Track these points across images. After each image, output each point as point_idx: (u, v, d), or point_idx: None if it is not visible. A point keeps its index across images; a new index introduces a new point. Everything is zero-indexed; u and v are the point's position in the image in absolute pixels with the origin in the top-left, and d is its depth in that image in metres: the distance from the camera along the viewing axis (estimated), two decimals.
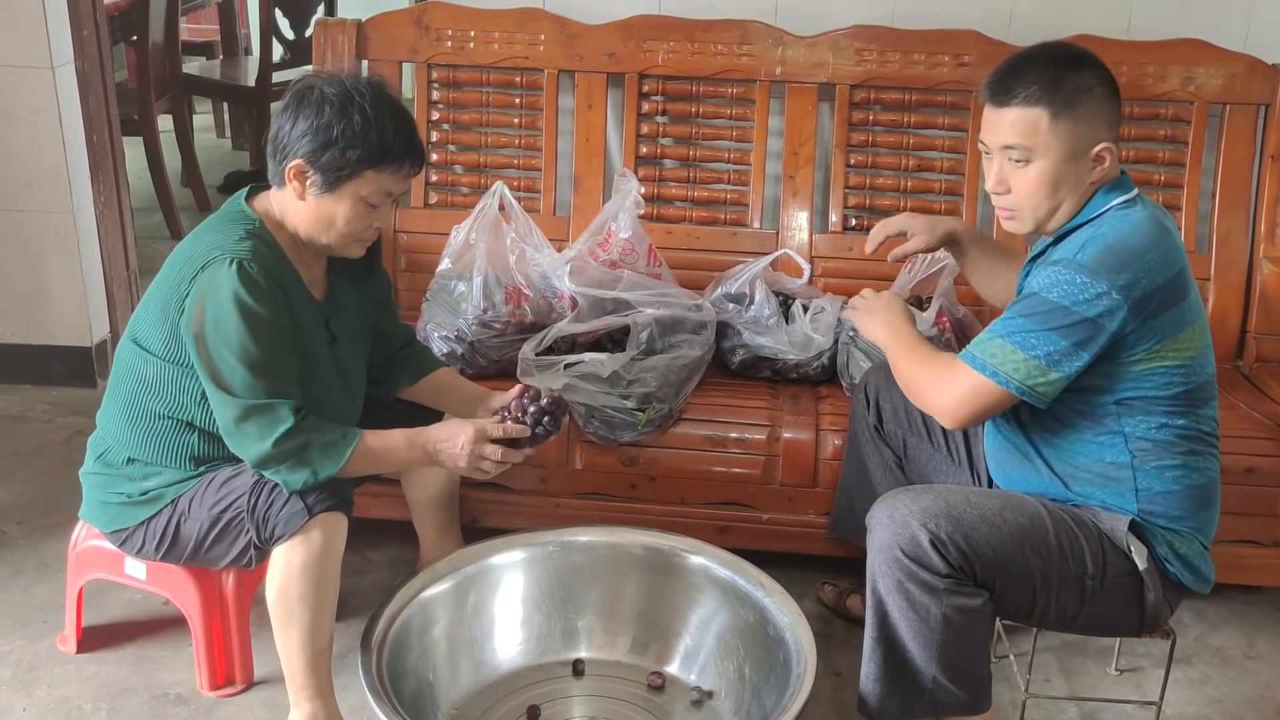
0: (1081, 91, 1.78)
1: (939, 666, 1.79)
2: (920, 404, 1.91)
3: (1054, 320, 1.74)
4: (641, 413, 2.38)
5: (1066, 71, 1.79)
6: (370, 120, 1.84)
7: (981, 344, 1.81)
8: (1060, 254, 1.79)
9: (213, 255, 1.86)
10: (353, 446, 1.91)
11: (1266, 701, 2.29)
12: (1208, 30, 2.79)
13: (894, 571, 1.77)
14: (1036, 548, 1.80)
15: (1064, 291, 1.74)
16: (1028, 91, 1.78)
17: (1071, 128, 1.78)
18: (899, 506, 1.78)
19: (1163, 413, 1.83)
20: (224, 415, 1.87)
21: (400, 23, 2.87)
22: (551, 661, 2.17)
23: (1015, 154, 1.81)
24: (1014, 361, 1.76)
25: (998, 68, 1.85)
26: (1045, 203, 1.83)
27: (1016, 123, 1.79)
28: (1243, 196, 2.81)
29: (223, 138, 5.77)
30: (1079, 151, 1.80)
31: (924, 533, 1.74)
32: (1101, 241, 1.76)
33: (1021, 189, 1.83)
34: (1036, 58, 1.82)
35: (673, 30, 2.83)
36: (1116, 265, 1.73)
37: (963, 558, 1.75)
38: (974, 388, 1.80)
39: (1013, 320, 1.78)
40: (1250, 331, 2.79)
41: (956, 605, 1.76)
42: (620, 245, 2.59)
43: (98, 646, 2.29)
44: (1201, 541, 1.91)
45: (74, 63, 3.15)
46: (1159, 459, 1.85)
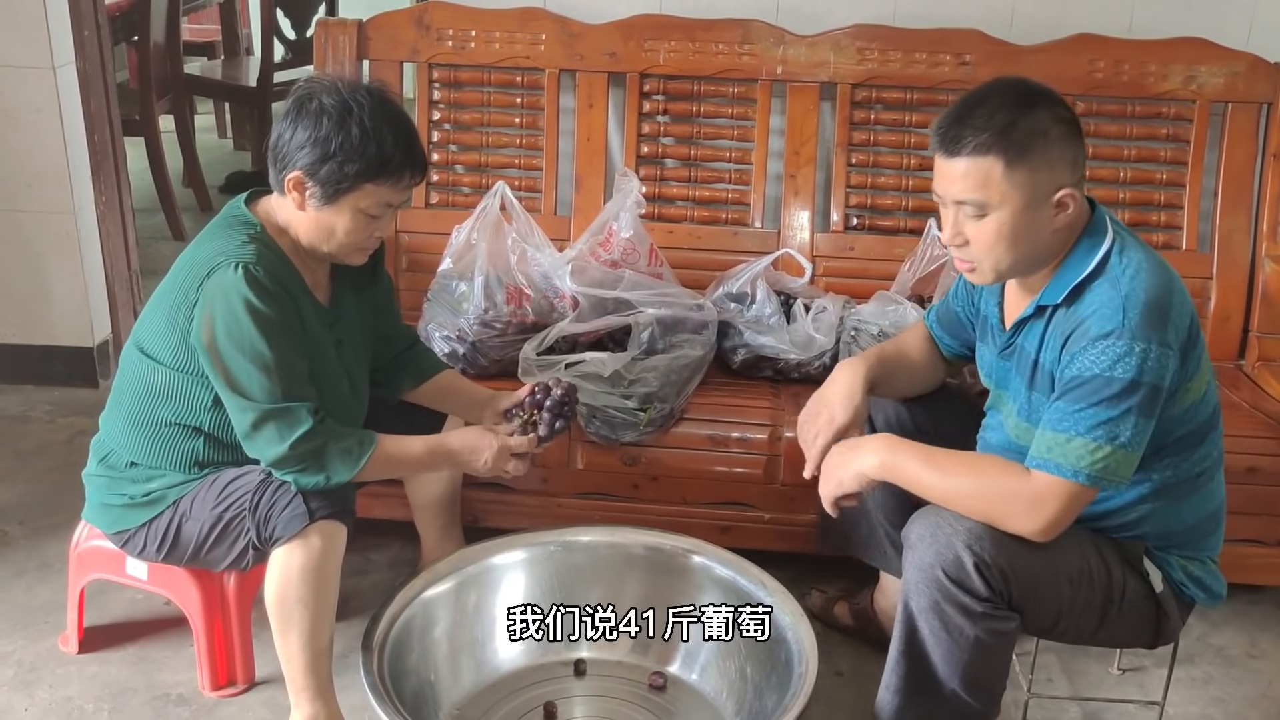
0: (1036, 136, 1.66)
1: (960, 681, 1.76)
2: (997, 525, 1.72)
3: (1126, 399, 1.64)
4: (643, 413, 2.37)
5: (1019, 114, 1.66)
6: (369, 133, 1.83)
7: (1060, 446, 1.66)
8: (1097, 325, 1.67)
9: (217, 261, 1.85)
10: (369, 453, 1.92)
11: (1269, 701, 2.28)
12: (1210, 29, 2.79)
13: (932, 591, 1.71)
14: (1070, 574, 1.77)
15: (1129, 365, 1.63)
16: (978, 140, 1.66)
17: (1028, 176, 1.67)
18: (942, 525, 1.71)
19: (1189, 448, 1.81)
20: (241, 420, 1.87)
21: (401, 23, 2.87)
22: (553, 661, 2.17)
23: (969, 209, 1.70)
24: (1102, 458, 1.65)
25: (947, 112, 1.73)
26: (1006, 256, 1.72)
27: (968, 174, 1.67)
28: (1245, 195, 2.80)
29: (224, 138, 5.78)
30: (1038, 200, 1.69)
31: (969, 555, 1.68)
32: (1138, 301, 1.66)
33: (980, 242, 1.72)
34: (987, 100, 1.69)
35: (674, 30, 2.83)
36: (1162, 320, 1.66)
37: (1003, 581, 1.70)
38: (1071, 499, 1.67)
39: (1084, 412, 1.65)
40: (1253, 331, 2.78)
41: (991, 629, 1.73)
42: (621, 245, 2.59)
43: (99, 647, 2.29)
44: (1212, 559, 1.91)
45: (75, 63, 3.15)
46: (1179, 499, 1.83)
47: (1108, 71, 2.77)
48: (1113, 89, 2.78)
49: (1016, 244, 1.72)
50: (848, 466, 1.85)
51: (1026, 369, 1.84)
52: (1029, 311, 1.82)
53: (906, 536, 1.77)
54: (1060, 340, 1.75)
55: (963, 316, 2.07)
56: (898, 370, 2.06)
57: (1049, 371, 1.78)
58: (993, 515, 1.71)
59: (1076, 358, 1.69)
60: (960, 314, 2.08)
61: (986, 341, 1.98)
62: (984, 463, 1.81)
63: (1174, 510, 1.84)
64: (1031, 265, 1.78)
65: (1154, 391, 1.66)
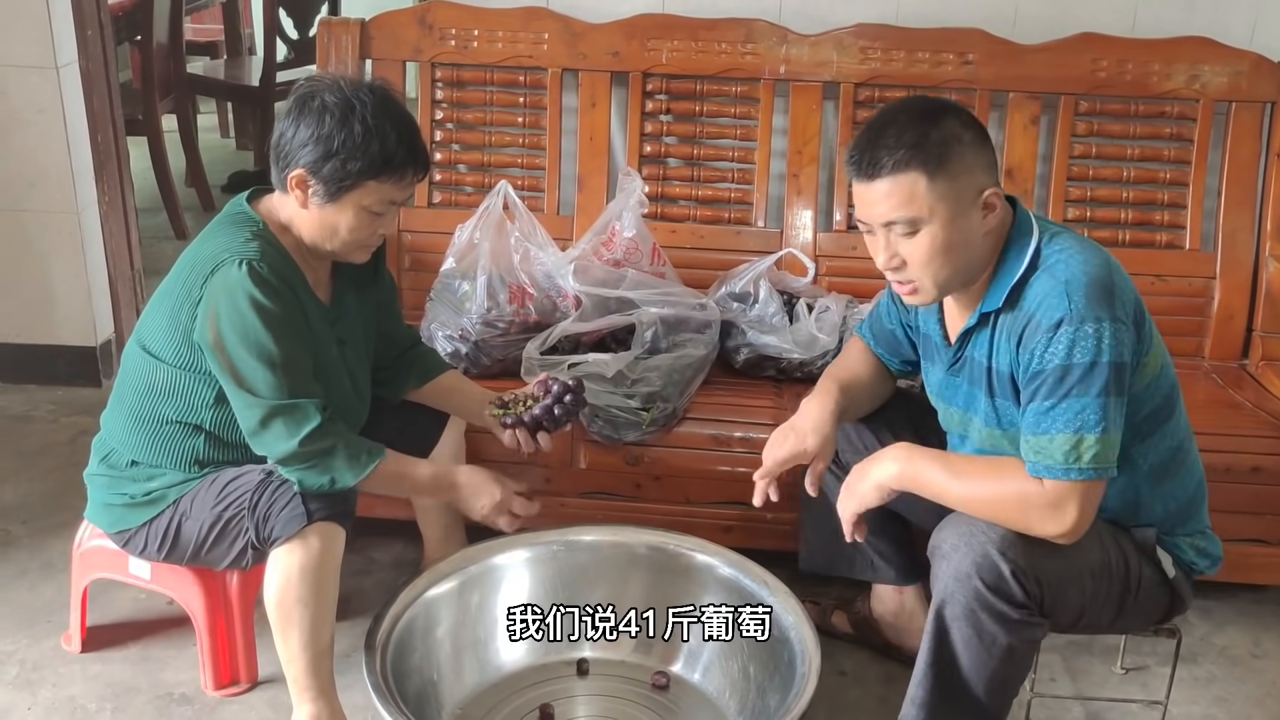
0: (950, 144, 1.67)
1: (985, 688, 1.76)
2: (1021, 530, 1.71)
3: (1093, 382, 1.64)
4: (646, 412, 2.37)
5: (928, 127, 1.67)
6: (371, 130, 1.83)
7: (1046, 448, 1.67)
8: (1046, 316, 1.67)
9: (222, 259, 1.85)
10: (376, 463, 1.92)
11: (1273, 700, 2.28)
12: (1213, 28, 2.78)
13: (969, 600, 1.70)
14: (1093, 569, 1.78)
15: (1085, 348, 1.64)
16: (895, 158, 1.66)
17: (950, 184, 1.67)
18: (976, 533, 1.70)
19: (1163, 423, 1.82)
20: (249, 417, 1.87)
21: (404, 22, 2.87)
22: (556, 661, 2.17)
23: (899, 228, 1.69)
24: (1088, 448, 1.65)
25: (856, 140, 1.73)
26: (945, 268, 1.71)
27: (892, 193, 1.67)
28: (1248, 195, 2.80)
29: (227, 138, 5.78)
30: (964, 206, 1.69)
31: (1006, 563, 1.67)
32: (1079, 283, 1.66)
33: (916, 259, 1.71)
34: (894, 120, 1.70)
35: (676, 29, 2.83)
36: (1107, 296, 1.66)
37: (1037, 587, 1.70)
38: (1083, 496, 1.67)
39: (1056, 408, 1.66)
40: (1256, 330, 2.78)
41: (1025, 637, 1.73)
42: (624, 244, 2.59)
43: (102, 646, 2.29)
44: (1208, 526, 1.93)
45: (78, 63, 3.15)
46: (1168, 479, 1.84)
47: (1111, 71, 2.77)
48: (1116, 88, 2.78)
49: (952, 254, 1.71)
50: (866, 480, 1.84)
51: (981, 378, 1.83)
52: (973, 321, 1.81)
53: (938, 545, 1.75)
54: (1012, 341, 1.75)
55: (898, 334, 2.08)
56: (858, 395, 2.06)
57: (1006, 375, 1.78)
58: (1014, 521, 1.71)
59: (1035, 354, 1.69)
60: (895, 332, 2.08)
61: (932, 360, 1.97)
62: (1003, 465, 1.77)
63: (1169, 490, 1.85)
64: (970, 274, 1.77)
65: (1117, 369, 1.66)
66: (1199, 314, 2.80)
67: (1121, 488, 1.82)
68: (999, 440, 1.83)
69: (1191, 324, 2.79)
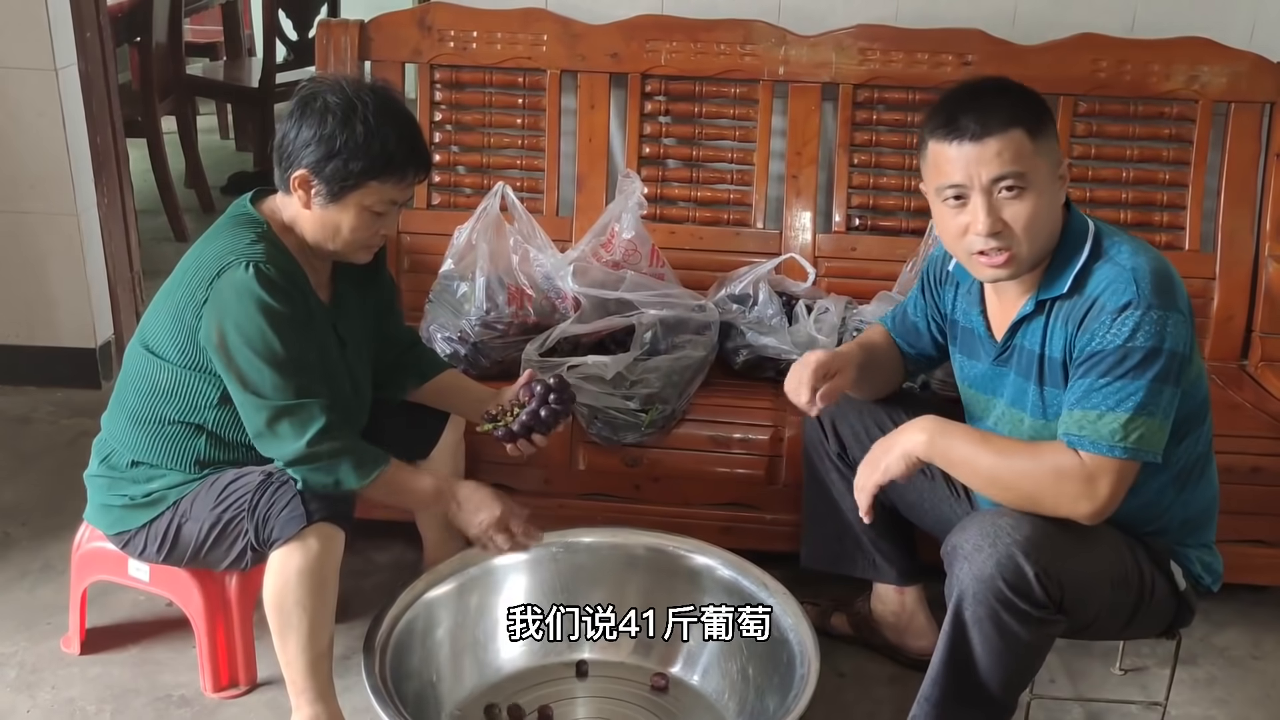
0: (1042, 109, 1.74)
1: (1000, 685, 1.76)
2: (1048, 508, 1.71)
3: (1150, 368, 1.65)
4: (645, 414, 2.37)
5: (1022, 93, 1.73)
6: (373, 131, 1.83)
7: (1092, 424, 1.67)
8: (1113, 300, 1.68)
9: (227, 260, 1.86)
10: (382, 470, 1.92)
11: (1273, 701, 2.28)
12: (1212, 28, 2.78)
13: (991, 601, 1.69)
14: (1113, 577, 1.78)
15: (1149, 333, 1.65)
16: (1003, 116, 1.69)
17: (1047, 145, 1.72)
18: (1000, 534, 1.69)
19: (1195, 426, 1.82)
20: (254, 419, 1.87)
21: (403, 23, 2.87)
22: (555, 663, 2.17)
23: (1009, 181, 1.69)
24: (1136, 429, 1.65)
25: (945, 105, 1.75)
26: (1042, 234, 1.73)
27: (1003, 150, 1.69)
28: (1248, 195, 2.79)
29: (227, 139, 5.78)
30: (1054, 170, 1.74)
31: (1030, 564, 1.66)
32: (1146, 272, 1.68)
33: (1020, 222, 1.71)
34: (985, 89, 1.75)
35: (675, 30, 2.83)
36: (1171, 288, 1.69)
37: (1059, 589, 1.70)
38: (1118, 475, 1.67)
39: (1110, 385, 1.66)
40: (1256, 330, 2.78)
41: (1044, 634, 1.73)
42: (623, 246, 2.59)
43: (101, 648, 2.29)
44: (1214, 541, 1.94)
45: (77, 65, 3.15)
46: (1191, 485, 1.84)
47: (1110, 71, 2.76)
48: (1115, 89, 2.78)
49: (1047, 221, 1.74)
50: (892, 450, 1.82)
51: (1032, 368, 1.83)
52: (1029, 308, 1.82)
53: (959, 546, 1.73)
54: (1071, 326, 1.75)
55: (921, 328, 2.09)
56: (875, 357, 2.08)
57: (1059, 361, 1.78)
58: (1042, 497, 1.70)
59: (1096, 334, 1.70)
60: (918, 325, 2.09)
61: (972, 353, 1.97)
62: (1037, 444, 1.77)
63: (1190, 497, 1.86)
64: (1048, 248, 1.78)
65: (1175, 358, 1.67)
66: (1199, 314, 2.77)
67: (1151, 490, 1.81)
68: (1044, 432, 1.82)
69: None
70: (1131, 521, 1.84)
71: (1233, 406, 2.55)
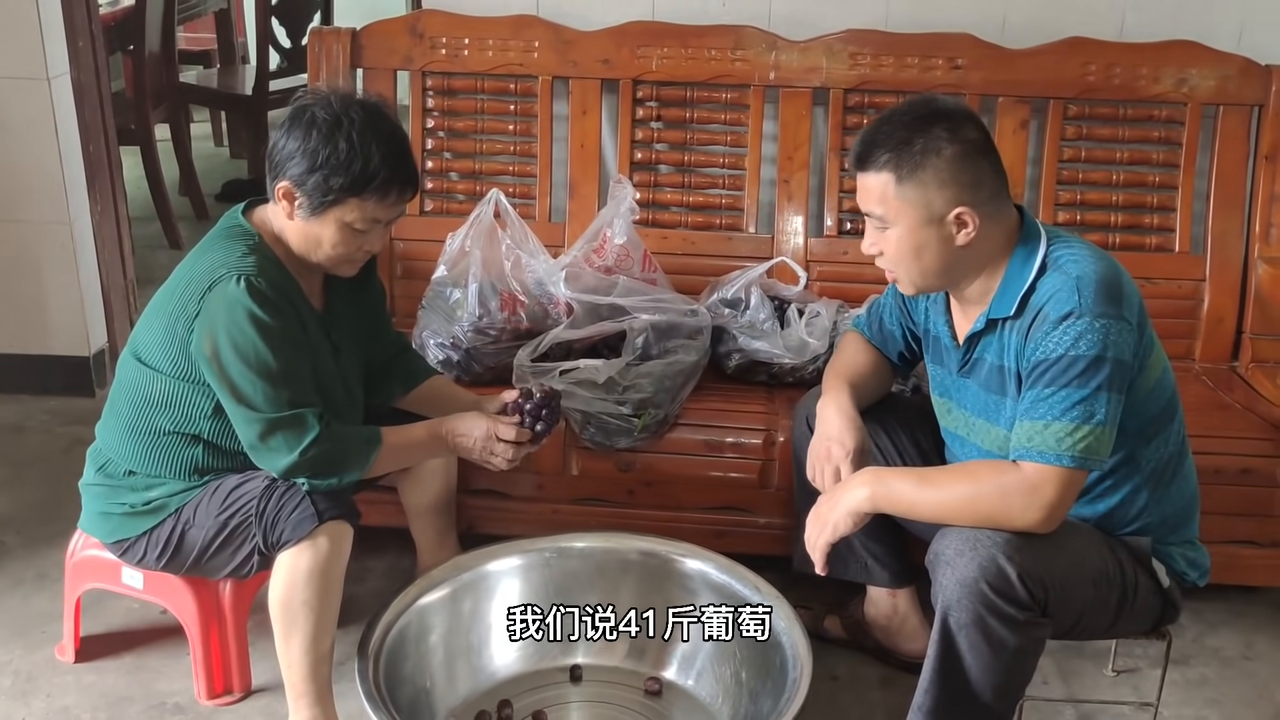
0: (929, 154, 1.72)
1: (993, 692, 1.76)
2: (1001, 526, 1.71)
3: (1095, 375, 1.67)
4: (637, 419, 2.38)
5: (916, 133, 1.73)
6: (355, 148, 1.84)
7: (1039, 434, 1.69)
8: (1055, 309, 1.70)
9: (219, 274, 1.86)
10: (377, 449, 1.96)
11: (1265, 702, 2.29)
12: (1201, 32, 2.79)
13: (976, 605, 1.69)
14: (1094, 575, 1.79)
15: (1091, 341, 1.67)
16: (878, 157, 1.75)
17: (919, 193, 1.73)
18: (981, 539, 1.70)
19: (1164, 426, 1.84)
20: (248, 431, 1.88)
21: (395, 31, 2.88)
22: (549, 667, 2.17)
23: (874, 221, 1.79)
24: (1081, 438, 1.67)
25: (864, 129, 1.83)
26: (914, 268, 1.78)
27: (871, 189, 1.77)
28: (1237, 197, 2.81)
29: (221, 146, 5.78)
30: (932, 217, 1.74)
31: (1012, 567, 1.67)
32: (1090, 280, 1.70)
33: (889, 253, 1.80)
34: (890, 120, 1.78)
35: (667, 36, 2.84)
36: (1115, 296, 1.71)
37: (1042, 589, 1.71)
38: (1063, 483, 1.68)
39: (1056, 395, 1.68)
40: (1246, 332, 2.79)
41: (1032, 636, 1.74)
42: (615, 251, 2.59)
43: (96, 656, 2.29)
44: (1198, 537, 1.95)
45: (70, 73, 3.16)
46: (1168, 482, 1.86)
47: (1100, 75, 2.78)
48: (1105, 92, 2.79)
49: (918, 258, 1.78)
50: (838, 508, 1.84)
51: (992, 379, 1.85)
52: (979, 326, 1.84)
53: (941, 553, 1.75)
54: (1020, 338, 1.78)
55: (897, 334, 2.12)
56: (864, 387, 2.09)
57: (1015, 373, 1.81)
58: (995, 516, 1.72)
59: (1040, 343, 1.72)
60: (894, 332, 2.13)
61: (940, 361, 1.99)
62: (974, 467, 1.83)
63: (1167, 495, 1.87)
64: (949, 278, 1.82)
65: (1119, 366, 1.69)
66: (1189, 316, 2.81)
67: (1126, 491, 1.84)
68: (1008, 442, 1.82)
69: (1182, 326, 2.80)
70: (1110, 522, 1.86)
71: (1223, 407, 2.56)
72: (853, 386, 2.05)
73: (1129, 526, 1.87)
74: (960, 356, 1.91)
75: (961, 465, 1.86)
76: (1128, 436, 1.79)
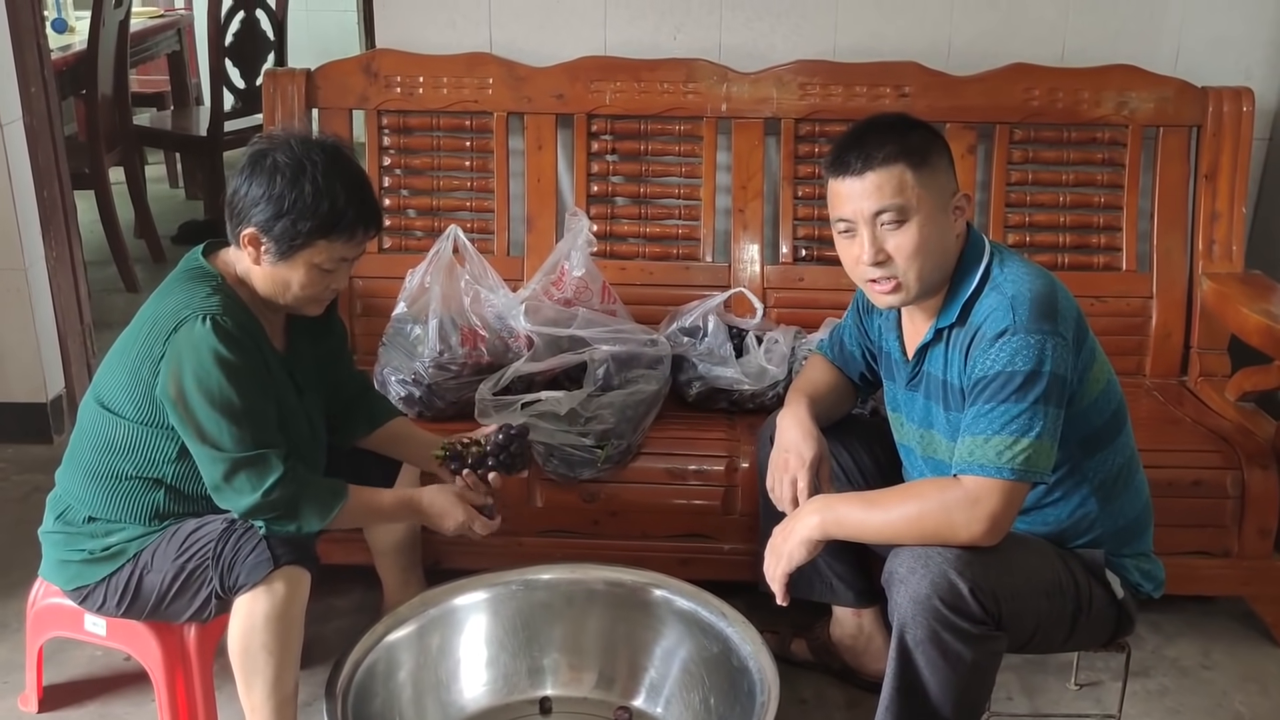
0: (928, 144, 1.81)
1: (954, 708, 1.78)
2: (948, 541, 1.74)
3: (1031, 390, 1.71)
4: (600, 449, 2.39)
5: (908, 129, 1.82)
6: (321, 190, 1.85)
7: (980, 448, 1.73)
8: (991, 328, 1.76)
9: (184, 315, 1.86)
10: (342, 504, 1.95)
11: (1224, 710, 2.33)
12: (1139, 56, 2.87)
13: (929, 621, 1.72)
14: (1046, 588, 1.82)
15: (1027, 357, 1.72)
16: (884, 152, 1.78)
17: (931, 178, 1.80)
18: (932, 556, 1.73)
19: (1111, 439, 1.88)
20: (212, 472, 1.88)
21: (349, 71, 2.90)
22: (518, 700, 2.17)
23: (889, 216, 1.79)
24: (1021, 451, 1.70)
25: (839, 144, 1.85)
26: (928, 263, 1.81)
27: (886, 184, 1.78)
28: (1180, 216, 2.88)
29: (176, 188, 5.76)
30: (943, 203, 1.81)
31: (963, 581, 1.70)
32: (1024, 299, 1.75)
33: (902, 252, 1.80)
34: (875, 126, 1.83)
35: (619, 70, 2.87)
36: (1050, 313, 1.75)
37: (994, 603, 1.73)
38: (1004, 496, 1.71)
39: (995, 410, 1.72)
40: (1193, 347, 2.85)
41: (988, 650, 1.76)
42: (574, 283, 2.62)
43: (60, 705, 2.27)
44: (1151, 550, 1.99)
45: (22, 118, 3.15)
46: (1117, 495, 1.90)
47: (1043, 99, 2.84)
48: (1048, 115, 2.85)
49: (932, 250, 1.81)
50: (791, 538, 1.87)
51: (939, 392, 1.90)
52: (929, 337, 1.89)
53: (895, 571, 1.77)
54: (961, 354, 1.83)
55: (858, 355, 2.17)
56: (824, 403, 2.13)
57: (958, 389, 1.85)
58: (940, 532, 1.75)
59: (978, 361, 1.77)
60: (855, 353, 2.17)
61: (892, 376, 2.05)
62: (918, 486, 1.87)
63: (1118, 507, 1.91)
64: (941, 276, 1.85)
65: (1056, 380, 1.73)
66: (1138, 333, 2.87)
67: (1074, 503, 1.88)
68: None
69: (1131, 343, 2.86)
70: (1062, 534, 1.90)
71: (1173, 421, 2.61)
72: (812, 400, 2.10)
73: (1081, 539, 1.90)
74: (910, 370, 1.96)
75: (906, 485, 1.90)
76: (1072, 448, 1.83)
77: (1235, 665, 2.45)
